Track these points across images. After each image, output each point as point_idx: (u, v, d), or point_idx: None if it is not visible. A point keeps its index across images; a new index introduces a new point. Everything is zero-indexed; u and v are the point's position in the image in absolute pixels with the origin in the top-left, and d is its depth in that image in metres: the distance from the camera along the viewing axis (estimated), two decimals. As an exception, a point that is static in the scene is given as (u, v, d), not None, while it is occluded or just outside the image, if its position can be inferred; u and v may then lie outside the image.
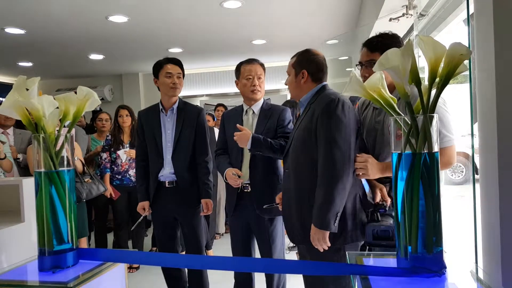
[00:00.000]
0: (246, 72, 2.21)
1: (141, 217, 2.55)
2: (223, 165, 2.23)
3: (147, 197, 2.42)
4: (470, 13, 1.49)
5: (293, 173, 1.69)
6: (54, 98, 1.24)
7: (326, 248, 1.56)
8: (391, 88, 1.35)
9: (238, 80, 2.27)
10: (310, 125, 1.63)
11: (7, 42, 4.52)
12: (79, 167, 3.10)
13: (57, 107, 1.24)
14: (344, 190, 1.54)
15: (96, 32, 4.33)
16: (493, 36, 1.09)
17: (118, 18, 3.83)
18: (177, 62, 2.38)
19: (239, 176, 2.13)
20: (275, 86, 6.75)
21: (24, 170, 3.05)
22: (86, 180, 3.05)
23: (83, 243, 3.22)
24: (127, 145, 3.57)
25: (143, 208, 2.42)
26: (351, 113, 1.60)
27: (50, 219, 1.13)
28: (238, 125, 2.11)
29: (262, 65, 2.27)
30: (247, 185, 2.18)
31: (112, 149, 3.56)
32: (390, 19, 2.60)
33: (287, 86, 1.86)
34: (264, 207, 2.04)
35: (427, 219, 0.92)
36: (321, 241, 1.55)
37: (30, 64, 5.93)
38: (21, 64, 5.89)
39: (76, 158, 3.05)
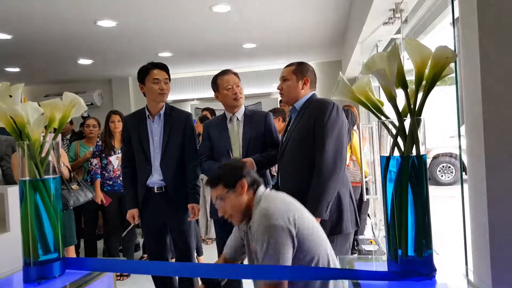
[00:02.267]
0: (224, 83, 2.26)
1: (131, 226, 2.51)
2: (213, 167, 2.24)
3: (136, 204, 2.38)
4: (456, 16, 1.52)
5: (292, 170, 1.90)
6: (39, 105, 1.22)
7: None
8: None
9: (218, 93, 2.31)
10: (308, 126, 1.84)
11: (-7, 47, 4.46)
12: (66, 173, 3.04)
13: (43, 114, 1.22)
14: (337, 182, 1.78)
15: (84, 37, 4.29)
16: (478, 39, 1.11)
17: (107, 23, 3.80)
18: (164, 67, 2.33)
19: None
20: (266, 89, 6.76)
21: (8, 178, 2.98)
22: (73, 187, 3.00)
23: (71, 252, 3.16)
24: (119, 150, 3.54)
25: (133, 216, 2.39)
26: (343, 116, 1.85)
27: (36, 229, 1.10)
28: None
29: (236, 74, 2.34)
30: None
31: (103, 155, 3.52)
32: (384, 23, 2.63)
33: (278, 90, 2.03)
34: None
35: (416, 222, 0.92)
36: None
37: (17, 69, 5.86)
38: (8, 69, 5.81)
39: (62, 164, 2.99)
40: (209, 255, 3.97)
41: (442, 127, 5.92)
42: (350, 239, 1.92)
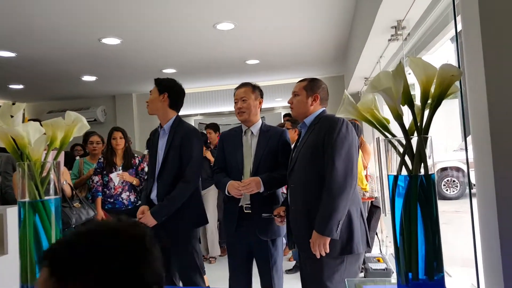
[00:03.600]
0: (234, 97, 2.29)
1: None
2: (223, 180, 2.21)
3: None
4: (458, 30, 1.51)
5: (301, 188, 1.86)
6: (41, 124, 1.21)
7: (324, 255, 1.72)
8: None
9: None
10: (317, 142, 1.82)
11: (-2, 65, 4.51)
12: (68, 191, 3.02)
13: (44, 133, 1.21)
14: (347, 200, 1.73)
15: (88, 54, 4.33)
16: (482, 51, 1.09)
17: (111, 40, 3.84)
18: None
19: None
20: (270, 104, 6.78)
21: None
22: (75, 204, 2.97)
23: None
24: (120, 167, 3.51)
25: (142, 212, 2.28)
26: (353, 133, 1.82)
27: (34, 253, 1.07)
28: (242, 181, 2.13)
29: (252, 86, 2.28)
30: (248, 205, 2.17)
31: (105, 172, 3.50)
32: (389, 40, 2.64)
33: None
34: (262, 215, 2.13)
35: (426, 243, 0.89)
36: (321, 247, 1.70)
37: (21, 86, 5.90)
38: (12, 86, 5.86)
39: (64, 182, 2.97)
40: (213, 275, 3.84)
41: (446, 140, 5.89)
42: (360, 259, 1.86)
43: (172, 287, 2.20)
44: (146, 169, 3.63)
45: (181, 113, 2.47)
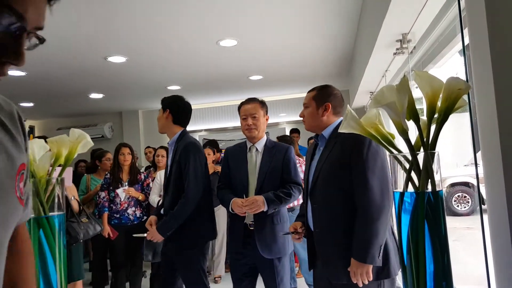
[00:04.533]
0: (242, 112, 2.25)
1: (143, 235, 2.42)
2: (227, 196, 2.18)
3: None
4: (466, 43, 1.50)
5: (324, 208, 1.67)
6: (46, 141, 1.22)
7: (366, 283, 1.55)
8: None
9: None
10: (342, 157, 1.62)
11: (9, 84, 4.60)
12: (76, 207, 3.04)
13: (49, 150, 1.22)
14: (386, 222, 1.55)
15: (95, 73, 4.41)
16: (491, 63, 1.08)
17: (117, 59, 3.91)
18: None
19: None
20: (274, 119, 6.78)
21: None
22: (82, 220, 3.00)
23: (79, 286, 3.09)
24: (126, 183, 3.52)
25: (150, 223, 2.33)
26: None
27: (39, 268, 1.07)
28: (245, 199, 2.10)
29: (260, 103, 2.27)
30: (252, 223, 2.15)
31: (111, 188, 3.50)
32: (394, 54, 2.63)
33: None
34: (281, 234, 2.08)
35: (435, 263, 0.87)
36: (364, 276, 1.53)
37: (31, 104, 6.01)
38: (22, 104, 5.96)
39: (72, 197, 3.00)
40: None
41: (457, 155, 5.81)
42: (395, 283, 1.68)
43: None
44: (151, 184, 3.64)
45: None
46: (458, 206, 7.12)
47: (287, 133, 6.59)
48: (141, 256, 3.48)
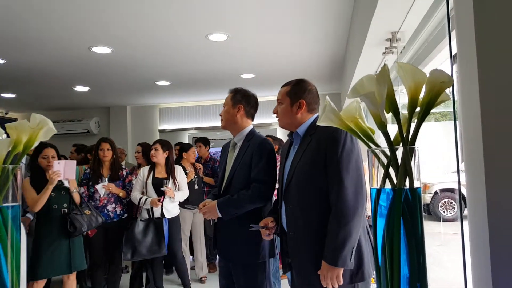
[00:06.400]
0: None
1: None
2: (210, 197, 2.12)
3: None
4: (453, 48, 1.46)
5: (299, 208, 1.60)
6: (4, 127, 1.14)
7: (336, 287, 1.48)
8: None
9: None
10: (317, 156, 1.56)
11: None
12: (77, 199, 3.02)
13: (7, 136, 1.14)
14: (360, 223, 1.49)
15: (79, 63, 4.27)
16: (477, 72, 1.03)
17: (102, 49, 3.78)
18: None
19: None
20: (265, 120, 6.72)
21: None
22: (85, 211, 2.98)
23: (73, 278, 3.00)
24: (106, 178, 3.42)
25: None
26: (358, 144, 1.56)
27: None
28: (200, 204, 2.02)
29: (232, 92, 2.12)
30: (215, 220, 2.06)
31: (91, 183, 3.40)
32: (384, 53, 2.59)
33: (277, 120, 1.79)
34: (250, 229, 1.81)
35: (410, 263, 0.80)
36: (335, 280, 1.47)
37: (12, 95, 5.84)
38: (3, 95, 5.79)
39: (74, 190, 2.99)
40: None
41: (443, 162, 5.81)
42: (370, 285, 1.62)
43: None
44: (133, 181, 3.54)
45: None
46: (444, 211, 7.16)
47: (279, 133, 6.55)
48: (120, 254, 3.38)
